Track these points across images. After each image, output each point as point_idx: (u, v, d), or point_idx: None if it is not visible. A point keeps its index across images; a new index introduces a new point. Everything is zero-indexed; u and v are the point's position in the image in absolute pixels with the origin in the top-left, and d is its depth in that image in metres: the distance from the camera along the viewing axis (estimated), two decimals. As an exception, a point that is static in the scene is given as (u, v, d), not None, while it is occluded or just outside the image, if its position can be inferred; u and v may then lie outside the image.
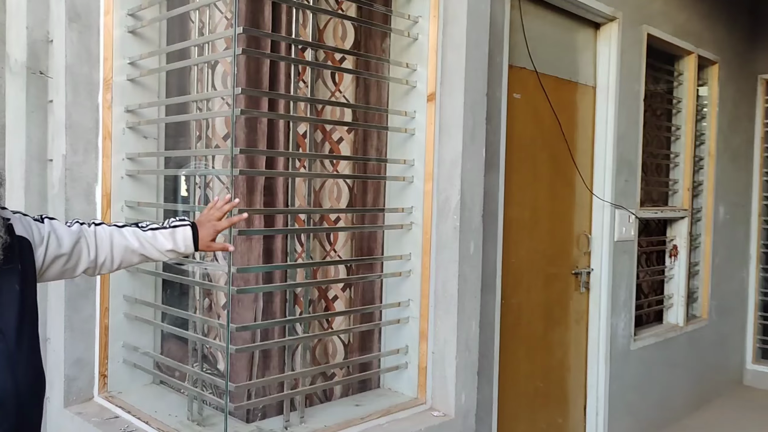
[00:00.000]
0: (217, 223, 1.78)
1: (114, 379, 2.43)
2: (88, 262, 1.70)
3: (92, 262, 1.71)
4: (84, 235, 1.69)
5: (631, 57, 3.55)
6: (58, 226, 1.64)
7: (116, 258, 1.74)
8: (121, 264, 1.78)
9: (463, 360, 2.41)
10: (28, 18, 2.73)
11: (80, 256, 1.68)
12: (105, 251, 1.72)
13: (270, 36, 2.17)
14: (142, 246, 1.75)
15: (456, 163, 2.36)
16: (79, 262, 1.68)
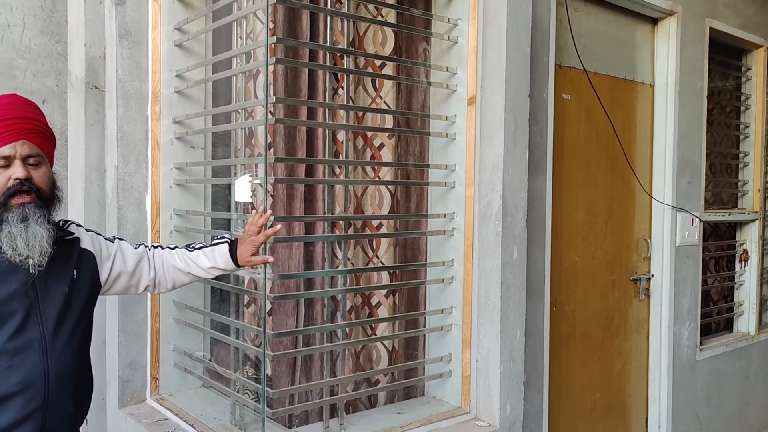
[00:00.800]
0: (254, 238, 1.85)
1: (165, 382, 2.51)
2: (148, 280, 1.88)
3: (151, 281, 1.89)
4: (146, 255, 1.88)
5: (692, 53, 3.38)
6: (125, 246, 1.84)
7: (168, 277, 1.91)
8: (175, 283, 1.94)
9: (507, 369, 2.35)
10: (86, 36, 2.86)
11: (142, 275, 1.86)
12: (160, 271, 1.90)
13: (304, 45, 2.19)
14: (188, 265, 1.91)
15: (497, 167, 2.31)
16: (141, 279, 1.86)
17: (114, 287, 1.83)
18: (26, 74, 3.06)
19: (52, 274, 1.59)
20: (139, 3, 2.44)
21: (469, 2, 2.35)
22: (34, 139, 1.56)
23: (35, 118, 1.59)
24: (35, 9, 3.06)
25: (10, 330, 1.50)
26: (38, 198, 1.54)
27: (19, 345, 1.51)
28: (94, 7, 2.85)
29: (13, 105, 1.57)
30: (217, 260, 1.89)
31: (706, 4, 3.48)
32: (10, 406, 1.49)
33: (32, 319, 1.54)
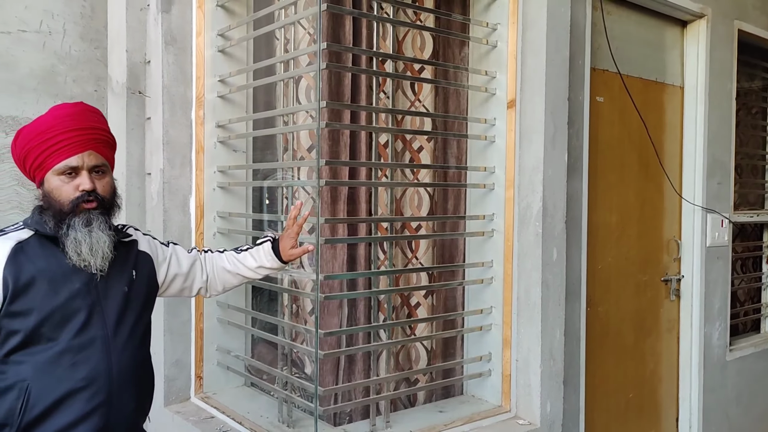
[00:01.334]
0: (290, 230, 1.91)
1: (209, 381, 2.56)
2: (201, 282, 1.95)
3: (204, 283, 1.96)
4: (199, 259, 1.95)
5: (721, 54, 3.40)
6: (179, 251, 1.93)
7: (219, 280, 1.98)
8: (225, 285, 2.01)
9: (547, 368, 2.38)
10: (127, 42, 2.93)
11: (195, 277, 1.93)
12: (211, 274, 1.97)
13: (352, 50, 2.24)
14: (236, 267, 1.97)
15: (537, 170, 2.34)
16: (194, 282, 1.94)
17: (170, 289, 1.90)
18: (67, 80, 3.13)
19: (113, 274, 1.65)
20: (183, 10, 2.50)
21: (509, 7, 2.38)
22: (100, 148, 1.62)
23: (100, 128, 1.65)
24: (75, 16, 3.13)
25: (74, 328, 1.56)
26: (101, 206, 1.60)
27: (83, 342, 1.56)
28: (135, 14, 2.92)
29: (80, 115, 1.62)
30: (263, 259, 1.95)
31: (735, 6, 3.49)
32: (76, 401, 1.54)
33: (95, 316, 1.59)
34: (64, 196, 1.56)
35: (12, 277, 1.50)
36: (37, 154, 1.57)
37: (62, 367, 1.53)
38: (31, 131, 1.59)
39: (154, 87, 2.54)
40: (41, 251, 1.56)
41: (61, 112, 1.60)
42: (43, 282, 1.53)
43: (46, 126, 1.57)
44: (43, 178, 1.58)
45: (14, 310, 1.51)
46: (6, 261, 1.52)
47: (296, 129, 2.26)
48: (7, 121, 2.98)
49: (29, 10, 3.01)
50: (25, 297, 1.51)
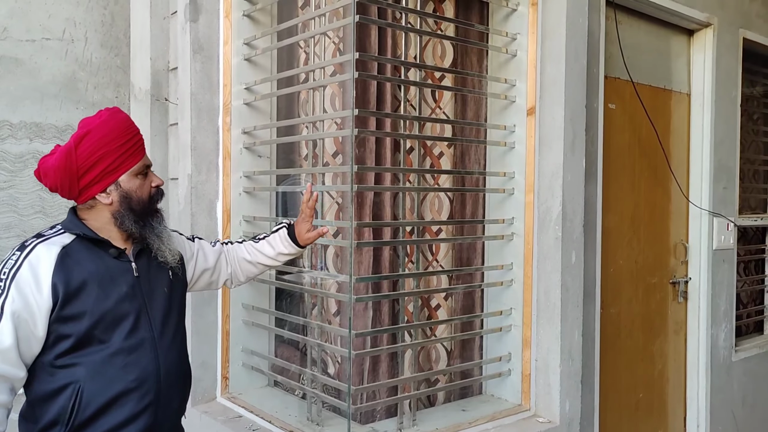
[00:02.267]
0: (304, 214, 2.00)
1: (234, 381, 2.61)
2: (226, 274, 2.01)
3: (229, 275, 2.02)
4: (223, 251, 2.00)
5: (727, 62, 3.49)
6: (205, 245, 1.96)
7: (241, 270, 2.04)
8: (248, 275, 2.06)
9: (566, 368, 2.45)
10: (151, 50, 2.99)
11: (221, 270, 1.99)
12: (234, 265, 2.02)
13: (383, 60, 2.30)
14: (255, 256, 2.03)
15: (557, 175, 2.42)
16: (221, 274, 1.99)
17: (198, 284, 1.96)
18: (88, 86, 3.19)
19: (153, 276, 1.69)
20: (211, 20, 2.56)
21: (528, 18, 2.46)
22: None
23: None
24: (96, 24, 3.19)
25: (125, 330, 1.59)
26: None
27: (134, 344, 1.60)
28: (159, 22, 2.98)
29: (131, 121, 1.67)
30: (280, 245, 2.01)
31: (741, 15, 3.59)
32: (128, 401, 1.57)
33: (143, 318, 1.63)
34: (145, 194, 1.65)
35: (62, 282, 1.52)
36: (116, 156, 1.59)
37: (115, 368, 1.56)
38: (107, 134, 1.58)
39: (181, 94, 2.60)
40: (87, 255, 1.58)
41: (122, 116, 1.65)
42: (94, 285, 1.56)
43: (121, 129, 1.61)
44: (115, 181, 1.60)
45: (66, 314, 1.53)
46: (54, 266, 1.52)
47: (325, 135, 2.33)
48: (30, 128, 3.04)
49: (53, 18, 3.07)
50: (77, 301, 1.53)
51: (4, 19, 2.95)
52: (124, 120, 1.64)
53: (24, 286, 1.49)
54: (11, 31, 2.97)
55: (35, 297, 1.50)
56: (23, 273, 1.50)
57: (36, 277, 1.50)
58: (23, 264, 1.51)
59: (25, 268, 1.51)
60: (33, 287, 1.50)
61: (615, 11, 2.85)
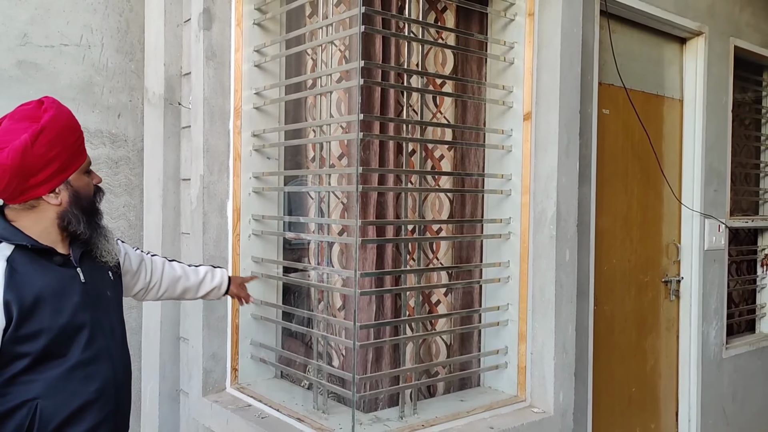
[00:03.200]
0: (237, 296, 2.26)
1: (243, 373, 2.74)
2: (143, 283, 1.99)
3: (145, 285, 2.00)
4: (144, 260, 1.99)
5: (718, 69, 3.62)
6: (129, 249, 1.94)
7: (163, 285, 2.04)
8: (165, 292, 2.07)
9: (560, 361, 2.57)
10: (165, 56, 3.12)
11: (139, 277, 1.97)
12: (157, 277, 2.02)
13: (385, 67, 2.43)
14: (186, 276, 2.08)
15: (552, 177, 2.54)
16: (138, 282, 1.97)
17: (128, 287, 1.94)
18: (103, 90, 3.32)
19: (97, 280, 1.66)
20: (223, 28, 2.69)
21: (525, 28, 2.59)
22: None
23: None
24: (112, 30, 3.32)
25: (82, 341, 1.56)
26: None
27: (92, 355, 1.58)
28: (173, 29, 3.12)
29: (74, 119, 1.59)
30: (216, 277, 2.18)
31: (731, 24, 3.72)
32: (89, 413, 1.56)
33: (96, 327, 1.60)
34: (91, 192, 1.63)
35: (15, 301, 1.44)
36: (68, 154, 1.53)
37: (74, 381, 1.53)
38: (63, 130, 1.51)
39: (194, 98, 2.73)
40: (33, 267, 1.50)
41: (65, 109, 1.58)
42: (47, 300, 1.49)
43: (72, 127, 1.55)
44: (66, 179, 1.55)
45: (22, 334, 1.45)
46: (4, 284, 1.44)
47: (333, 139, 2.46)
48: (48, 129, 3.16)
49: (71, 25, 3.20)
50: (32, 319, 1.47)
51: (25, 26, 3.08)
52: (69, 114, 1.58)
53: None
54: (31, 37, 3.10)
55: None
56: None
57: None
58: None
59: None
60: None
61: (608, 21, 2.98)
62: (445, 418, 2.40)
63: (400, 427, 2.29)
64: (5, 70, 3.03)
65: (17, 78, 3.06)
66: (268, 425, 2.36)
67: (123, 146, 3.34)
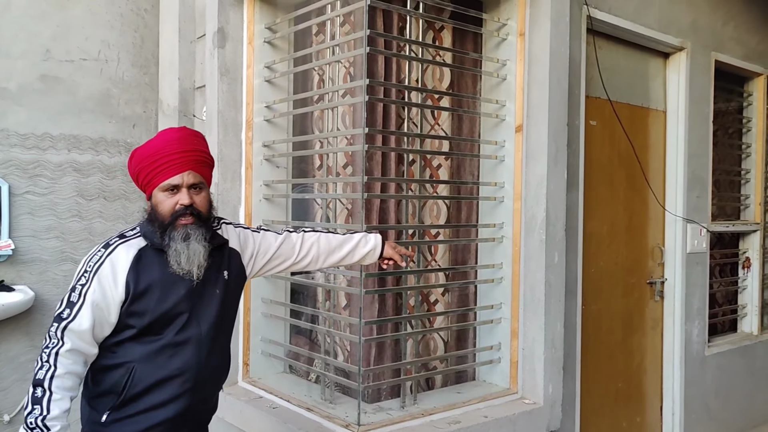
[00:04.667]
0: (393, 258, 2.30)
1: (254, 367, 2.93)
2: (292, 261, 2.16)
3: (296, 261, 2.17)
4: (290, 238, 2.16)
5: (699, 82, 3.83)
6: (269, 236, 2.13)
7: (320, 259, 2.19)
8: (324, 262, 2.21)
9: (550, 356, 2.77)
10: (179, 71, 3.33)
11: (285, 258, 2.15)
12: (313, 252, 2.18)
13: (388, 85, 2.63)
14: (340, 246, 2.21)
15: (541, 185, 2.74)
16: (283, 260, 2.15)
17: (262, 271, 2.12)
18: (120, 102, 3.52)
19: (208, 279, 1.88)
20: (236, 46, 2.89)
21: (517, 47, 2.79)
22: (198, 168, 1.84)
23: (200, 150, 1.87)
24: (128, 45, 3.53)
25: (176, 327, 1.82)
26: (198, 219, 1.83)
27: (181, 339, 1.83)
28: (186, 46, 3.32)
29: (184, 139, 1.85)
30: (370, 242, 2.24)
31: (713, 38, 3.93)
32: (171, 385, 1.82)
33: (193, 319, 1.85)
34: (166, 210, 1.80)
35: (133, 282, 1.76)
36: (147, 172, 1.81)
37: (164, 357, 1.81)
38: (143, 153, 1.83)
39: (209, 111, 2.93)
40: (155, 260, 1.81)
41: (168, 136, 1.84)
42: (156, 289, 1.79)
43: (155, 149, 1.81)
44: (151, 193, 1.83)
45: (133, 309, 1.77)
46: (129, 267, 1.77)
47: (340, 150, 2.66)
48: (69, 139, 3.36)
49: (89, 41, 3.41)
50: (142, 300, 1.77)
51: (47, 42, 3.28)
52: (166, 140, 1.83)
53: (104, 280, 1.75)
54: (53, 52, 3.30)
55: (112, 290, 1.75)
56: (104, 269, 1.75)
57: (114, 274, 1.75)
58: (105, 261, 1.76)
59: (106, 264, 1.76)
60: (111, 282, 1.75)
61: (594, 38, 3.19)
62: (442, 408, 2.59)
63: (401, 416, 2.49)
64: (29, 84, 3.23)
65: (40, 90, 3.27)
66: (279, 414, 2.55)
67: (138, 155, 3.54)
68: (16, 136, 3.21)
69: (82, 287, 1.75)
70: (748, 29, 4.24)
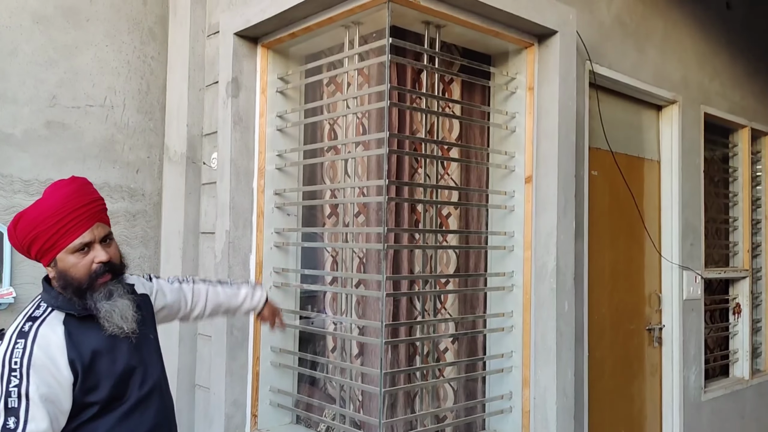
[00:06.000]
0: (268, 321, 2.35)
1: (263, 419, 2.88)
2: (184, 311, 2.15)
3: (188, 312, 2.16)
4: (184, 290, 2.14)
5: (691, 134, 3.97)
6: (164, 285, 2.08)
7: (207, 310, 2.20)
8: (209, 315, 2.23)
9: (562, 404, 2.78)
10: (188, 117, 3.34)
11: (180, 307, 2.12)
12: (201, 305, 2.18)
13: (404, 137, 2.68)
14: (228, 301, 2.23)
15: (551, 234, 2.79)
16: (178, 311, 2.13)
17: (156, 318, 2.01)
18: (124, 147, 3.51)
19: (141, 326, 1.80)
20: (249, 95, 2.92)
21: (526, 100, 2.88)
22: (103, 218, 1.73)
23: (98, 197, 1.75)
24: (133, 92, 3.54)
25: (137, 382, 1.75)
26: (114, 273, 1.73)
27: (146, 393, 1.76)
28: (195, 93, 3.34)
29: (81, 190, 1.71)
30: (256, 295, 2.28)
31: (702, 93, 4.10)
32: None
33: (146, 369, 1.79)
34: (81, 272, 1.66)
35: (78, 359, 1.62)
36: (48, 236, 1.63)
37: (135, 417, 1.72)
38: (38, 215, 1.64)
39: (221, 159, 2.94)
40: (84, 328, 1.68)
41: (63, 191, 1.67)
42: (103, 354, 1.68)
43: (54, 208, 1.64)
44: (53, 258, 1.65)
45: (88, 386, 1.64)
46: (66, 345, 1.62)
47: (360, 200, 2.69)
48: (73, 185, 3.32)
49: (96, 87, 3.41)
50: (92, 372, 1.65)
51: (54, 88, 3.27)
52: (63, 196, 1.66)
53: (42, 370, 1.57)
54: (59, 98, 3.29)
55: (56, 377, 1.59)
56: (37, 357, 1.58)
57: (52, 359, 1.59)
58: (34, 349, 1.58)
59: (36, 353, 1.58)
60: (52, 368, 1.59)
61: (597, 92, 3.30)
62: (459, 459, 2.57)
63: (418, 469, 2.46)
64: (35, 130, 3.21)
65: (45, 137, 3.24)
66: (294, 468, 2.50)
67: (141, 200, 3.52)
68: (20, 182, 3.17)
69: (18, 388, 1.56)
70: (732, 85, 4.43)
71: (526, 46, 2.88)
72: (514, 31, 2.77)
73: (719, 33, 4.31)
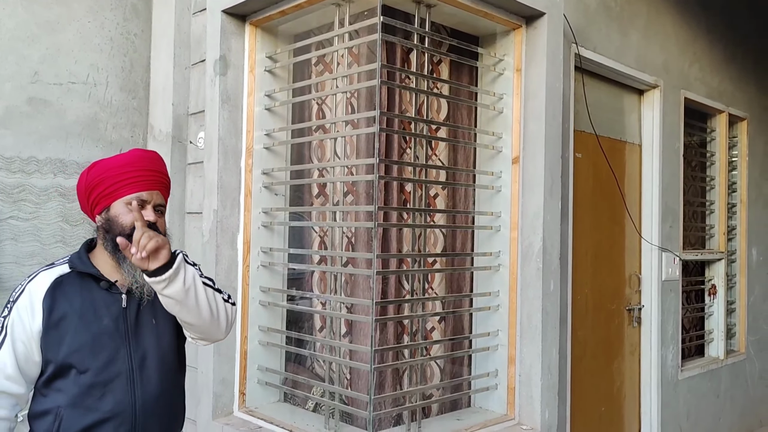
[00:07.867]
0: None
1: (250, 397, 2.89)
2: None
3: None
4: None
5: (671, 118, 4.04)
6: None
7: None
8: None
9: (546, 381, 2.84)
10: (174, 96, 3.30)
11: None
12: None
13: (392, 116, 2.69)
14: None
15: (538, 215, 2.83)
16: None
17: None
18: (107, 126, 3.47)
19: (144, 308, 1.75)
20: (237, 74, 2.90)
21: (513, 81, 2.90)
22: (164, 191, 1.80)
23: (166, 173, 1.84)
24: (117, 70, 3.49)
25: (101, 362, 1.67)
26: None
27: (110, 376, 1.68)
28: (181, 72, 3.31)
29: (155, 160, 1.81)
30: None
31: (682, 78, 4.16)
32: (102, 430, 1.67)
33: (122, 351, 1.70)
34: (129, 221, 1.67)
35: (47, 310, 1.65)
36: (112, 182, 1.70)
37: (92, 398, 1.66)
38: (111, 163, 1.74)
39: (209, 138, 2.91)
40: (77, 287, 1.70)
41: (139, 153, 1.79)
42: (74, 318, 1.66)
43: (126, 161, 1.74)
44: (108, 205, 1.70)
45: (48, 341, 1.65)
46: (45, 294, 1.67)
47: (351, 179, 2.69)
48: (55, 163, 3.28)
49: (78, 64, 3.35)
50: (56, 331, 1.65)
51: (36, 65, 3.21)
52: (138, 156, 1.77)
53: (22, 311, 1.66)
54: (42, 75, 3.23)
55: (29, 322, 1.65)
56: (23, 299, 1.67)
57: (32, 304, 1.66)
58: (24, 290, 1.68)
59: (24, 294, 1.68)
60: (29, 312, 1.66)
61: (582, 75, 3.34)
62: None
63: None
64: (17, 107, 3.15)
65: (27, 114, 3.19)
66: (284, 445, 2.52)
67: (125, 180, 3.48)
68: (1, 159, 3.12)
69: (5, 319, 1.67)
70: (711, 70, 4.50)
71: (514, 28, 2.90)
72: (503, 12, 2.78)
73: (699, 18, 4.37)
